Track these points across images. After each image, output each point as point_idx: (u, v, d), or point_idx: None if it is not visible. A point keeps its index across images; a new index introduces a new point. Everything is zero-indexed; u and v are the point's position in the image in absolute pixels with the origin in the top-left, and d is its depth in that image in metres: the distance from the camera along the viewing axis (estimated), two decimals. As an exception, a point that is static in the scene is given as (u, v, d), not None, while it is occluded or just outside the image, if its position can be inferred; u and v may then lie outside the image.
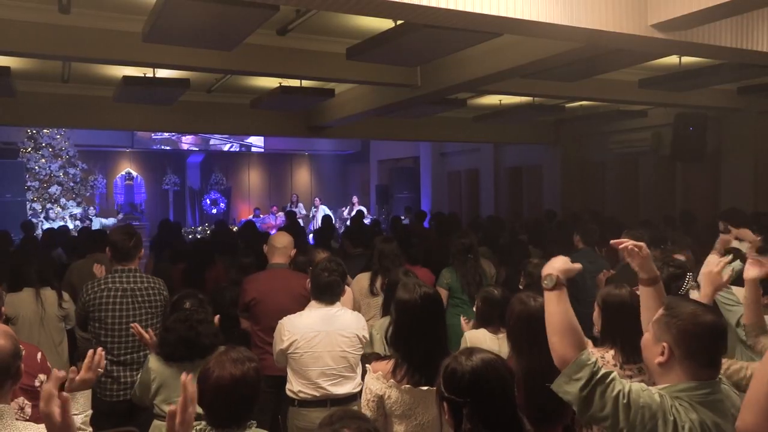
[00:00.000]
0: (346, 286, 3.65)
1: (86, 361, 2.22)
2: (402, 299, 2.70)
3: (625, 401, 1.82)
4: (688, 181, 10.26)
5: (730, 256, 3.04)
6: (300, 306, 3.62)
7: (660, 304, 2.11)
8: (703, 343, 1.83)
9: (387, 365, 2.66)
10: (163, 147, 16.53)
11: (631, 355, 2.63)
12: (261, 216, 15.86)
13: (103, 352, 2.29)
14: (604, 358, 2.67)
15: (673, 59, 6.74)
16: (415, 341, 2.60)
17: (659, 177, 10.72)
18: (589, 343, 2.64)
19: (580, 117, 10.51)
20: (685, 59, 6.73)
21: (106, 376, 3.74)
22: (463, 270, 5.04)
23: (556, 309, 2.01)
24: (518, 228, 8.99)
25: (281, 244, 4.40)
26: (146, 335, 3.27)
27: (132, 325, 3.43)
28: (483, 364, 1.92)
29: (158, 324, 3.83)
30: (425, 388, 2.56)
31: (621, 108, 9.51)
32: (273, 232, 7.33)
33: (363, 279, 4.78)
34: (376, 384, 2.63)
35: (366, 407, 2.63)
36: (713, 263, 2.89)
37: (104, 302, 3.78)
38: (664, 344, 1.85)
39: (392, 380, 2.61)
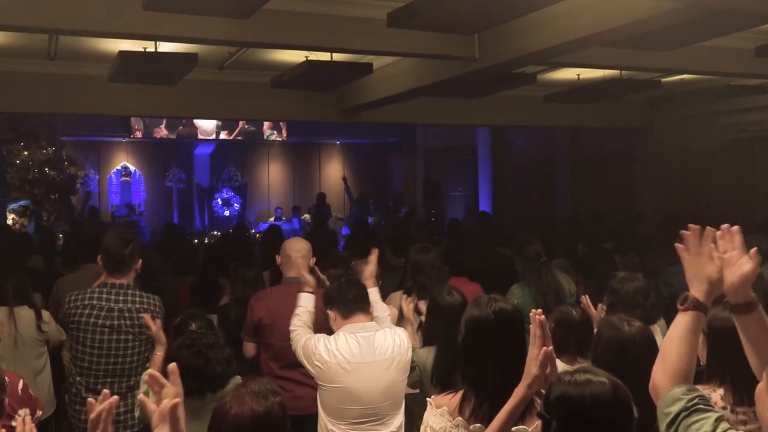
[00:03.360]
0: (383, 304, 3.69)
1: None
2: (472, 316, 2.70)
3: None
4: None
5: None
6: (320, 331, 3.64)
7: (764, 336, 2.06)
8: None
9: (453, 399, 2.65)
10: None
11: (744, 395, 2.58)
12: (284, 219, 16.02)
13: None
14: (710, 398, 2.62)
15: (799, 20, 6.58)
16: (488, 368, 2.58)
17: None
18: None
19: (681, 94, 10.31)
20: (816, 20, 6.57)
21: (81, 404, 3.89)
22: (539, 283, 4.89)
23: (673, 330, 2.07)
24: (602, 233, 8.89)
25: (299, 253, 4.36)
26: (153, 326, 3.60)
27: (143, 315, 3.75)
28: (584, 381, 1.93)
29: (147, 354, 3.93)
30: None
31: (733, 82, 9.31)
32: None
33: (397, 297, 4.76)
34: (439, 421, 2.62)
35: None
36: None
37: (84, 320, 3.89)
38: None
39: (459, 418, 2.59)
